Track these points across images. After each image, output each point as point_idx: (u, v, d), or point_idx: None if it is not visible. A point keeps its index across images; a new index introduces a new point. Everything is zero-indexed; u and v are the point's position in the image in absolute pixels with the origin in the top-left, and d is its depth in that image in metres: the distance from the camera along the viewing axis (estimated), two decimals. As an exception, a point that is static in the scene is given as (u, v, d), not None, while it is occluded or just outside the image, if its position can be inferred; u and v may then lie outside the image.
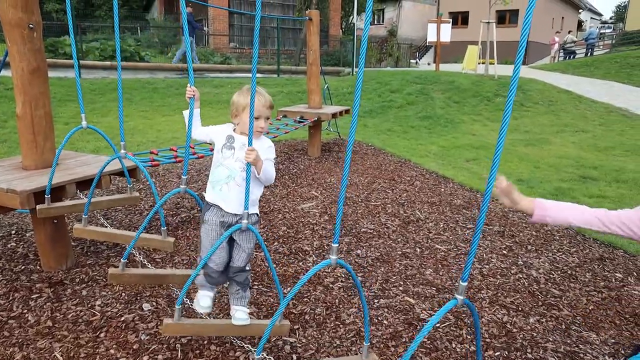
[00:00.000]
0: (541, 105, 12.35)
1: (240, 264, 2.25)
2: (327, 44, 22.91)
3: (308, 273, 1.72)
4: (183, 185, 2.41)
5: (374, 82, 13.32)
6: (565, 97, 13.38)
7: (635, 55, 19.52)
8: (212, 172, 2.22)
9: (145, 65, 14.40)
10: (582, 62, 20.77)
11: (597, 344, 2.79)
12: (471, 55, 16.51)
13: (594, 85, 15.64)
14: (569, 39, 27.05)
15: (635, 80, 16.31)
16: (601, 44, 29.92)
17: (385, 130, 9.54)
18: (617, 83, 16.18)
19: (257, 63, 1.94)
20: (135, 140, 7.44)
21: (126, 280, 2.77)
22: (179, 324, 2.28)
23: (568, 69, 19.41)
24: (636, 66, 17.88)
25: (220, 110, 10.77)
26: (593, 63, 19.76)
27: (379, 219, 4.59)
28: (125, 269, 2.69)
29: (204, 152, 4.69)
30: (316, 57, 7.08)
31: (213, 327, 2.36)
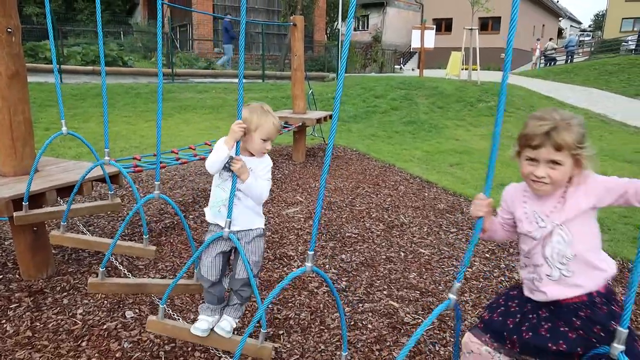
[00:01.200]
0: (523, 110, 12.55)
1: (243, 275, 2.16)
2: (311, 49, 23.00)
3: (280, 284, 1.75)
4: (157, 191, 2.40)
5: (359, 87, 13.40)
6: (547, 103, 13.63)
7: (612, 62, 20.01)
8: (212, 194, 2.20)
9: (129, 70, 14.30)
10: (563, 69, 21.21)
11: (577, 345, 2.84)
12: (454, 61, 16.72)
13: (574, 91, 15.96)
14: (550, 46, 27.61)
15: (613, 87, 16.70)
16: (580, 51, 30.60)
17: (370, 136, 9.59)
18: (595, 89, 16.54)
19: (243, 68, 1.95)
20: (118, 145, 7.37)
21: (106, 289, 2.75)
22: (161, 322, 2.28)
23: (549, 75, 19.79)
24: (614, 73, 18.33)
25: (205, 116, 10.73)
26: (573, 70, 20.20)
27: (364, 224, 4.62)
28: (104, 278, 2.66)
29: (187, 158, 4.67)
30: (300, 62, 7.10)
31: (192, 335, 2.32)
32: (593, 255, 1.58)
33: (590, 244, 1.59)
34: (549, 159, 1.49)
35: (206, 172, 6.17)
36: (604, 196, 1.52)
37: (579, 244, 1.55)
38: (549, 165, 1.50)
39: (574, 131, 1.48)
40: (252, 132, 2.08)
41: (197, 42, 21.33)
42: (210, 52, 20.66)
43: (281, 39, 22.11)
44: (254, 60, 20.00)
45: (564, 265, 1.56)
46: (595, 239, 1.60)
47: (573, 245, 1.55)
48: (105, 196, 4.88)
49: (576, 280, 1.57)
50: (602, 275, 1.59)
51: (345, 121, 10.85)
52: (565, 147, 1.46)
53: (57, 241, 3.01)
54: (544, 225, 1.58)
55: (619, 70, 18.59)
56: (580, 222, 1.55)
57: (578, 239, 1.55)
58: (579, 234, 1.55)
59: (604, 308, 1.53)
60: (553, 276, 1.59)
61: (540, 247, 1.61)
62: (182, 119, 10.24)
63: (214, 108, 11.51)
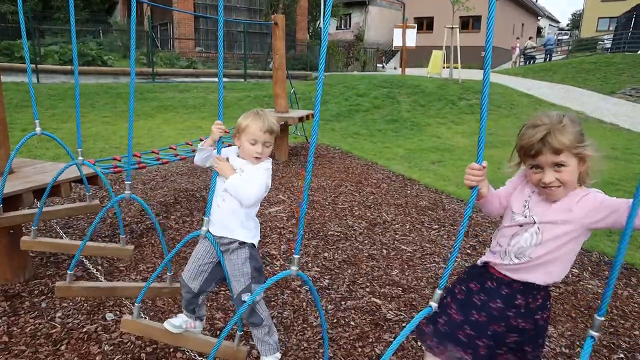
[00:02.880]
0: (503, 108, 12.73)
1: (235, 292, 2.08)
2: (294, 48, 22.95)
3: (262, 286, 1.76)
4: (127, 191, 2.38)
5: (341, 86, 13.43)
6: (526, 100, 13.84)
7: (589, 60, 20.40)
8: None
9: (108, 70, 14.09)
10: (541, 67, 21.55)
11: (554, 336, 2.90)
12: (436, 59, 16.86)
13: (553, 89, 16.24)
14: (529, 44, 28.00)
15: (590, 85, 17.03)
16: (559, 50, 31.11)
17: (352, 134, 9.63)
18: (573, 87, 16.85)
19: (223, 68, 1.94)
20: (98, 146, 7.26)
21: (74, 293, 2.71)
22: (136, 322, 2.26)
23: (528, 73, 20.08)
24: (591, 71, 18.69)
25: (186, 116, 10.64)
26: (551, 68, 20.53)
27: (346, 222, 4.63)
28: (72, 282, 2.62)
29: (169, 158, 4.63)
30: (282, 61, 7.09)
31: (166, 336, 2.30)
32: (550, 267, 1.57)
33: (559, 256, 1.57)
34: (551, 162, 1.48)
35: (187, 172, 6.14)
36: (598, 210, 1.50)
37: (543, 251, 1.55)
38: (554, 169, 1.49)
39: (569, 131, 1.47)
40: (240, 136, 2.07)
41: (178, 41, 21.11)
42: (191, 52, 20.46)
43: (263, 38, 22.01)
44: (236, 59, 19.87)
45: (518, 259, 1.59)
46: (566, 255, 1.59)
47: (536, 250, 1.55)
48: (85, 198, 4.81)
49: (520, 272, 1.61)
50: (545, 281, 1.61)
51: (328, 120, 10.87)
52: (564, 149, 1.45)
53: (28, 247, 2.94)
54: (528, 215, 1.59)
55: (595, 68, 18.97)
56: (559, 234, 1.53)
57: (547, 247, 1.54)
58: (550, 244, 1.54)
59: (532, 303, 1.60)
60: (503, 261, 1.63)
61: (512, 231, 1.63)
62: (164, 119, 10.14)
63: (195, 107, 11.41)
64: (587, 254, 4.19)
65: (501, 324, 1.62)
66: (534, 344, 1.66)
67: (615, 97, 15.54)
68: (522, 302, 1.60)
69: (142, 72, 14.30)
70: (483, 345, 1.62)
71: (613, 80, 17.25)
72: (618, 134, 11.00)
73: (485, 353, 1.62)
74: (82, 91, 10.99)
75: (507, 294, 1.62)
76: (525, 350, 1.65)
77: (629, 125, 11.91)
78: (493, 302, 1.63)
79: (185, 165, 6.42)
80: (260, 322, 2.10)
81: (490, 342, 1.62)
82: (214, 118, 2.18)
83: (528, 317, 1.61)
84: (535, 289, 1.61)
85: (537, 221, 1.56)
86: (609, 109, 13.64)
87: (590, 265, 3.96)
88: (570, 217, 1.52)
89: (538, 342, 1.67)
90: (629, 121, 12.32)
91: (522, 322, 1.61)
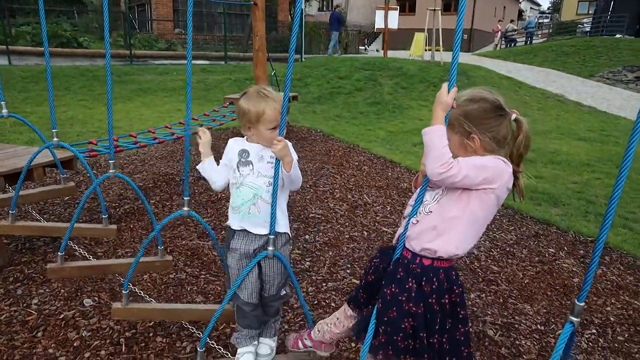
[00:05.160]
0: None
1: (273, 291, 1.98)
2: (275, 30, 22.65)
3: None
4: (112, 170, 2.33)
5: (323, 68, 13.32)
6: (507, 83, 13.94)
7: (569, 44, 20.61)
8: (233, 196, 1.91)
9: (84, 52, 13.72)
10: (522, 50, 21.70)
11: (531, 314, 2.96)
12: (418, 42, 16.80)
13: (533, 72, 16.38)
14: (510, 27, 28.09)
15: (569, 68, 17.23)
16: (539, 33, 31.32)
17: (334, 116, 9.59)
18: (553, 70, 17.02)
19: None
20: (75, 130, 7.10)
21: (66, 274, 2.67)
22: (127, 308, 2.24)
23: (509, 56, 20.20)
24: (570, 54, 18.90)
25: (166, 99, 10.46)
26: (532, 51, 20.69)
27: (328, 204, 4.64)
28: (64, 263, 2.58)
29: (146, 141, 4.55)
30: (262, 43, 6.99)
31: (161, 312, 2.32)
32: (448, 231, 1.57)
33: (452, 218, 1.56)
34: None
35: (167, 156, 6.05)
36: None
37: (440, 206, 1.58)
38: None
39: (455, 111, 1.53)
40: (257, 125, 1.84)
41: (156, 23, 20.64)
42: (170, 33, 20.04)
43: (244, 19, 21.64)
44: (216, 41, 19.53)
45: (420, 215, 1.62)
46: (459, 219, 1.56)
47: (436, 204, 1.59)
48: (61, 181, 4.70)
49: (417, 233, 1.62)
50: (433, 250, 1.59)
51: (309, 102, 10.80)
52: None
53: (8, 231, 2.89)
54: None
55: (574, 51, 19.18)
56: (454, 190, 1.56)
57: (443, 201, 1.58)
58: (446, 199, 1.58)
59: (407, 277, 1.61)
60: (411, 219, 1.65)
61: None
62: (142, 102, 9.94)
63: (175, 90, 11.22)
64: (564, 234, 4.28)
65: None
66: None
67: (593, 80, 15.77)
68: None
69: (119, 54, 13.97)
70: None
71: (591, 64, 17.49)
72: (595, 117, 11.18)
73: None
74: (57, 74, 10.69)
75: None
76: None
77: (605, 107, 12.12)
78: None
79: (165, 149, 6.33)
80: (280, 312, 2.14)
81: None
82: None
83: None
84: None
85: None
86: (587, 92, 13.84)
87: (566, 245, 4.05)
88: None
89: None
90: (606, 104, 12.54)
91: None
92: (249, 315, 1.97)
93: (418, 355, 1.57)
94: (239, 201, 1.88)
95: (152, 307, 2.36)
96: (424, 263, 1.60)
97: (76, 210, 2.44)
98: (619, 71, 16.19)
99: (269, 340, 2.11)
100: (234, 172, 1.90)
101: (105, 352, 2.40)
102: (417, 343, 1.56)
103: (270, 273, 1.94)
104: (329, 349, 2.08)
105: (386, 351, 1.57)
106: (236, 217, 1.90)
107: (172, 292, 3.00)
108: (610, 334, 2.83)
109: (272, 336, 2.13)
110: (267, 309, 2.06)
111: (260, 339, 2.09)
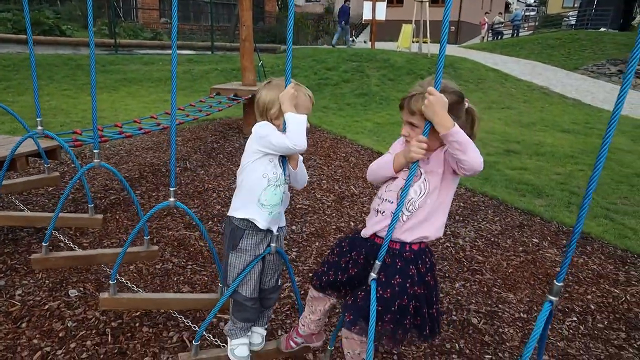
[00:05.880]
0: (471, 83, 12.88)
1: (272, 283, 1.99)
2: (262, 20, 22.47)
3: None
4: (96, 159, 2.31)
5: (310, 59, 13.26)
6: (493, 75, 14.03)
7: (555, 37, 20.79)
8: (269, 194, 1.77)
9: (67, 40, 13.43)
10: (509, 42, 21.83)
11: (514, 303, 3.02)
12: (406, 33, 16.80)
13: (519, 64, 16.50)
14: (497, 20, 28.24)
15: (554, 61, 17.38)
16: (526, 26, 31.53)
17: (321, 108, 9.57)
18: (539, 63, 17.16)
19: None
20: (59, 120, 6.98)
21: (51, 264, 2.65)
22: (115, 298, 2.23)
23: (496, 48, 20.31)
24: (555, 47, 19.06)
25: (151, 89, 10.33)
26: (518, 43, 20.82)
27: (315, 195, 4.65)
28: (48, 253, 2.56)
29: (132, 131, 4.50)
30: (249, 33, 6.92)
31: (150, 301, 2.32)
32: (435, 216, 1.66)
33: (438, 205, 1.66)
34: (406, 120, 1.66)
35: (153, 147, 5.99)
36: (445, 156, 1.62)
37: (430, 200, 1.64)
38: (410, 127, 1.65)
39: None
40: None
41: (141, 12, 20.32)
42: (156, 22, 19.75)
43: (231, 9, 21.42)
44: (203, 31, 19.31)
45: (409, 212, 1.65)
46: (443, 204, 1.67)
47: (424, 199, 1.63)
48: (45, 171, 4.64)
49: (408, 227, 1.65)
50: (425, 237, 1.67)
51: (297, 94, 10.74)
52: (417, 113, 1.58)
53: (-10, 221, 2.85)
54: (414, 168, 1.63)
55: (560, 44, 19.35)
56: (439, 181, 1.63)
57: (432, 194, 1.63)
58: (434, 191, 1.63)
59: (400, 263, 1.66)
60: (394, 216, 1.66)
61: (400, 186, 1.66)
62: (128, 92, 9.81)
63: (161, 80, 11.08)
64: (547, 224, 4.35)
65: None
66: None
67: (578, 72, 15.95)
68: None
69: (103, 43, 13.72)
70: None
71: (576, 57, 17.66)
72: (579, 109, 11.32)
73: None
74: (40, 62, 10.47)
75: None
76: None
77: (590, 100, 12.28)
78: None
79: (151, 140, 6.27)
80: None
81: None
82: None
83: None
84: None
85: (423, 172, 1.65)
86: (572, 85, 14.00)
87: (549, 235, 4.12)
88: (440, 165, 1.64)
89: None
90: (590, 97, 12.70)
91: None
92: (249, 309, 1.93)
93: (421, 329, 1.66)
94: (276, 200, 1.78)
95: (141, 297, 2.36)
96: (414, 248, 1.68)
97: (60, 199, 2.41)
98: (603, 64, 16.38)
99: (261, 329, 2.12)
100: (275, 166, 1.76)
101: (91, 343, 2.39)
102: (419, 320, 1.65)
103: (272, 266, 1.94)
104: (320, 338, 2.10)
105: (394, 335, 1.64)
106: (267, 216, 1.78)
107: (158, 282, 2.99)
108: (590, 321, 2.90)
109: (264, 325, 2.13)
110: (266, 301, 2.04)
111: (253, 328, 2.08)
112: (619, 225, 4.40)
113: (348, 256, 1.79)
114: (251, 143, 1.76)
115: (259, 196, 1.76)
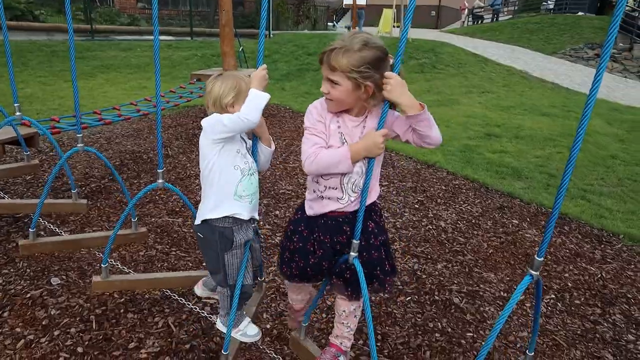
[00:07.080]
0: (452, 67, 12.94)
1: (257, 263, 2.02)
2: (242, 5, 22.12)
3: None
4: (80, 144, 2.28)
5: (291, 44, 13.17)
6: (473, 59, 14.11)
7: (534, 21, 20.95)
8: (244, 184, 1.74)
9: (41, 26, 13.07)
10: (489, 27, 21.93)
11: (494, 282, 3.09)
12: (386, 18, 16.78)
13: (499, 48, 16.62)
14: (477, 4, 28.33)
15: (533, 45, 17.55)
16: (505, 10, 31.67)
17: (303, 93, 9.53)
18: (518, 47, 17.31)
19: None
20: (34, 108, 6.83)
21: (39, 249, 2.62)
22: (108, 281, 2.23)
23: (476, 33, 20.40)
24: (535, 31, 19.23)
25: (130, 75, 10.14)
26: (498, 28, 20.94)
27: (297, 180, 4.65)
28: (36, 239, 2.53)
29: (112, 118, 4.43)
30: (229, 18, 6.84)
31: (143, 282, 2.31)
32: (374, 188, 1.73)
33: (375, 176, 1.70)
34: (326, 77, 1.56)
35: (133, 134, 5.91)
36: (393, 123, 1.61)
37: (375, 174, 1.66)
38: (330, 84, 1.55)
39: (352, 56, 1.49)
40: (238, 100, 1.71)
41: (117, -4, 19.77)
42: (133, 8, 19.28)
43: (210, -7, 21.01)
44: (182, 16, 18.95)
45: (355, 193, 1.66)
46: (378, 167, 1.73)
47: (372, 175, 1.61)
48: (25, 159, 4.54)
49: (355, 202, 1.68)
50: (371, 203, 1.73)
51: (278, 79, 10.68)
52: (338, 69, 1.50)
53: (-32, 210, 2.80)
54: (372, 163, 1.60)
55: (538, 29, 19.52)
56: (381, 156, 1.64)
57: (377, 169, 1.68)
58: (377, 165, 1.67)
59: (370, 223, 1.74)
60: (343, 200, 1.67)
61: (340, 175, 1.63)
62: (106, 79, 9.62)
63: (139, 67, 10.89)
64: (527, 206, 4.44)
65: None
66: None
67: (557, 57, 16.15)
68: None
69: (79, 28, 13.36)
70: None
71: (555, 41, 17.86)
72: (558, 93, 11.49)
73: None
74: (13, 49, 10.17)
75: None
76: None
77: (568, 84, 12.46)
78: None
79: (131, 127, 6.18)
80: None
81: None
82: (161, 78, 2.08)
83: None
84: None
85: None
86: (550, 69, 14.18)
87: (529, 216, 4.21)
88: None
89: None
90: (568, 80, 12.88)
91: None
92: (251, 292, 1.96)
93: (394, 269, 1.80)
94: (253, 188, 1.78)
95: (133, 278, 2.35)
96: (371, 206, 1.75)
97: (46, 184, 2.38)
98: (581, 48, 16.61)
99: (248, 319, 2.08)
100: (244, 156, 1.76)
101: (75, 330, 2.38)
102: (389, 262, 1.78)
103: (257, 247, 1.96)
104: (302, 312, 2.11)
105: (386, 283, 1.76)
106: (247, 206, 1.76)
107: (142, 269, 2.97)
108: (567, 298, 2.99)
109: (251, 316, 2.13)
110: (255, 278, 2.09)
111: (246, 318, 2.05)
112: (595, 206, 4.52)
113: (312, 238, 1.72)
114: (204, 139, 1.70)
115: (235, 189, 1.72)
